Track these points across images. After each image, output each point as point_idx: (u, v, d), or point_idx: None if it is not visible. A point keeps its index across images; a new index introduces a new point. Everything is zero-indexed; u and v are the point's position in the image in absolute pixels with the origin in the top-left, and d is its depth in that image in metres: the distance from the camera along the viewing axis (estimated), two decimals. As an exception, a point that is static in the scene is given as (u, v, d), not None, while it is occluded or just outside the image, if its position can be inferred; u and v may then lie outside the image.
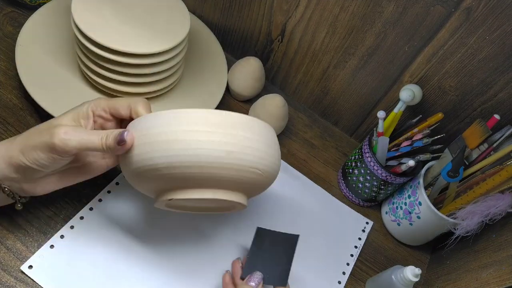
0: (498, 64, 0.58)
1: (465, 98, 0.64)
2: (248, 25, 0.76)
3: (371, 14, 0.62)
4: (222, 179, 0.44)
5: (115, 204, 0.59)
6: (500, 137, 0.60)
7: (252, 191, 0.50)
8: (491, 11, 0.54)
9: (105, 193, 0.59)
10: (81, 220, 0.56)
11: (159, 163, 0.43)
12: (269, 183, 0.50)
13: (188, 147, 0.42)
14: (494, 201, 0.57)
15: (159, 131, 0.43)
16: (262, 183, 0.48)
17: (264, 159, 0.46)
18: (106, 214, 0.58)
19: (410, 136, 0.64)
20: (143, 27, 0.60)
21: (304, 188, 0.71)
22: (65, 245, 0.54)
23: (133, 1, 0.62)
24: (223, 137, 0.43)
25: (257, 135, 0.46)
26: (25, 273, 0.51)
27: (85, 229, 0.56)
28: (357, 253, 0.67)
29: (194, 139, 0.43)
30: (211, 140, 0.43)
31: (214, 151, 0.42)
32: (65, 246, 0.54)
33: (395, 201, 0.69)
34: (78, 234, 0.55)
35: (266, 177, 0.47)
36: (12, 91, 0.63)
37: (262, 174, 0.46)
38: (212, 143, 0.43)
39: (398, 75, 0.67)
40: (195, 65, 0.73)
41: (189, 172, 0.43)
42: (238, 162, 0.44)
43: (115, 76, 0.60)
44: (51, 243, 0.53)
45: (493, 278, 0.54)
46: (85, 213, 0.57)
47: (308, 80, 0.77)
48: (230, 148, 0.43)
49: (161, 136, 0.43)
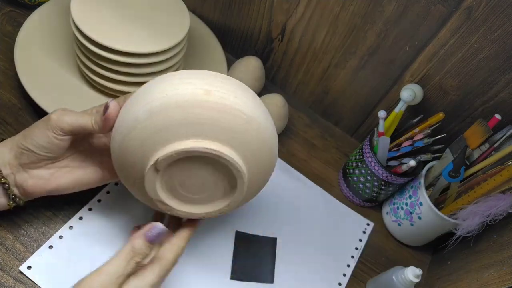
0: (499, 64, 0.58)
1: (466, 98, 0.63)
2: (248, 24, 0.75)
3: (372, 13, 0.62)
4: (204, 123, 0.41)
5: (114, 204, 0.58)
6: (501, 137, 0.60)
7: (244, 149, 0.44)
8: (492, 10, 0.54)
9: (104, 194, 0.59)
10: (80, 220, 0.56)
11: (139, 115, 0.42)
12: (262, 141, 0.45)
13: (166, 90, 0.42)
14: (495, 201, 0.57)
15: (137, 94, 0.44)
16: (251, 136, 0.44)
17: (248, 105, 0.43)
18: (105, 214, 0.57)
19: (411, 136, 0.64)
20: (142, 26, 0.60)
21: (304, 189, 0.71)
22: (64, 245, 0.54)
23: (132, 0, 0.62)
24: (201, 80, 0.43)
25: (238, 84, 0.45)
26: (24, 274, 0.51)
27: (84, 229, 0.55)
28: (358, 254, 0.67)
29: (171, 83, 0.43)
30: (189, 82, 0.42)
31: (192, 90, 0.42)
32: (64, 246, 0.53)
33: (396, 201, 0.69)
34: (77, 234, 0.55)
35: (255, 129, 0.43)
36: (11, 91, 0.63)
37: (249, 121, 0.43)
38: (190, 84, 0.42)
39: (399, 74, 0.67)
40: (195, 64, 0.73)
41: (169, 116, 0.41)
42: (219, 100, 0.42)
43: (115, 76, 0.60)
44: (50, 244, 0.53)
45: (494, 278, 0.54)
46: (84, 214, 0.56)
47: (308, 80, 0.77)
48: (209, 88, 0.42)
49: (139, 94, 0.44)
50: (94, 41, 0.56)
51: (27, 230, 0.54)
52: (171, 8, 0.63)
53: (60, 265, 0.52)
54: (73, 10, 0.57)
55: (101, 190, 0.59)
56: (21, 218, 0.54)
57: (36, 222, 0.54)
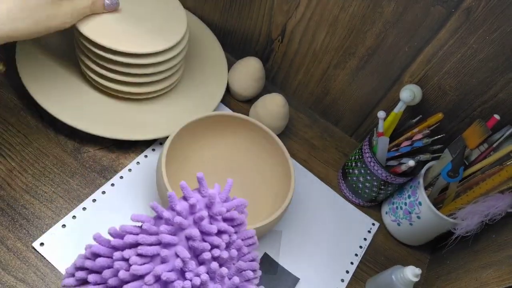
0: (498, 64, 0.58)
1: (465, 98, 0.64)
2: (248, 25, 0.76)
3: (371, 14, 0.62)
4: None
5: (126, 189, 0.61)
6: (500, 137, 0.60)
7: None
8: (491, 11, 0.54)
9: (118, 178, 0.61)
10: (93, 203, 0.58)
11: None
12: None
13: None
14: (494, 201, 0.57)
15: None
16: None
17: None
18: (117, 198, 0.59)
19: (410, 136, 0.64)
20: (142, 27, 0.60)
21: (311, 186, 0.72)
22: (76, 225, 0.56)
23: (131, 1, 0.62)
24: None
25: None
26: (37, 250, 0.52)
27: (96, 211, 0.58)
28: (362, 253, 0.67)
29: None
30: None
31: None
32: (76, 226, 0.56)
33: (395, 201, 0.69)
34: (89, 215, 0.57)
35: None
36: (13, 91, 0.63)
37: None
38: None
39: (398, 75, 0.67)
40: (196, 65, 0.74)
41: None
42: None
43: (116, 76, 0.60)
44: (63, 223, 0.55)
45: (493, 278, 0.54)
46: (97, 196, 0.59)
47: (308, 80, 0.77)
48: None
49: None
50: (95, 43, 0.56)
51: (29, 230, 0.54)
52: (169, 9, 0.64)
53: (72, 244, 0.54)
54: None
55: (114, 176, 0.61)
56: (23, 218, 0.54)
57: (38, 222, 0.55)
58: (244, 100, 0.77)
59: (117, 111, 0.64)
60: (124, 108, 0.64)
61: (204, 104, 0.69)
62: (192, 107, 0.68)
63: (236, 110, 0.75)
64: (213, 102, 0.70)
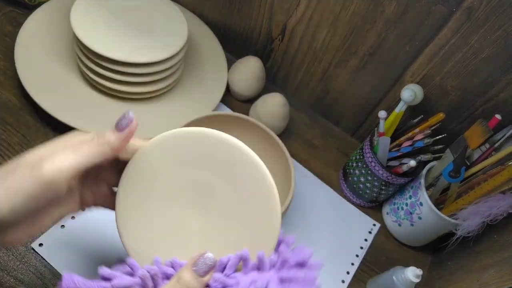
0: (500, 64, 0.58)
1: (466, 98, 0.63)
2: (249, 24, 0.75)
3: (373, 13, 0.62)
4: None
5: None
6: (502, 137, 0.60)
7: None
8: (493, 10, 0.54)
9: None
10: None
11: None
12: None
13: None
14: (495, 202, 0.57)
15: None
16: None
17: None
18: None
19: (411, 136, 0.64)
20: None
21: (313, 187, 0.72)
22: (76, 226, 0.55)
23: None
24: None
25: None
26: (36, 251, 0.52)
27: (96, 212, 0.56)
28: (363, 253, 0.67)
29: None
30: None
31: None
32: (75, 227, 0.55)
33: (396, 201, 0.69)
34: (89, 216, 0.56)
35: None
36: (12, 91, 0.63)
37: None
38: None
39: (399, 74, 0.67)
40: (195, 64, 0.73)
41: None
42: None
43: (115, 76, 0.60)
44: (62, 223, 0.55)
45: (494, 279, 0.54)
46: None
47: (308, 80, 0.77)
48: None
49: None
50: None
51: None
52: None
53: (71, 245, 0.54)
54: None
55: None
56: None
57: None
58: (244, 100, 0.76)
59: (116, 111, 0.64)
60: (124, 108, 0.64)
61: (204, 104, 0.69)
62: (192, 107, 0.68)
63: (236, 110, 0.74)
64: (213, 102, 0.70)
